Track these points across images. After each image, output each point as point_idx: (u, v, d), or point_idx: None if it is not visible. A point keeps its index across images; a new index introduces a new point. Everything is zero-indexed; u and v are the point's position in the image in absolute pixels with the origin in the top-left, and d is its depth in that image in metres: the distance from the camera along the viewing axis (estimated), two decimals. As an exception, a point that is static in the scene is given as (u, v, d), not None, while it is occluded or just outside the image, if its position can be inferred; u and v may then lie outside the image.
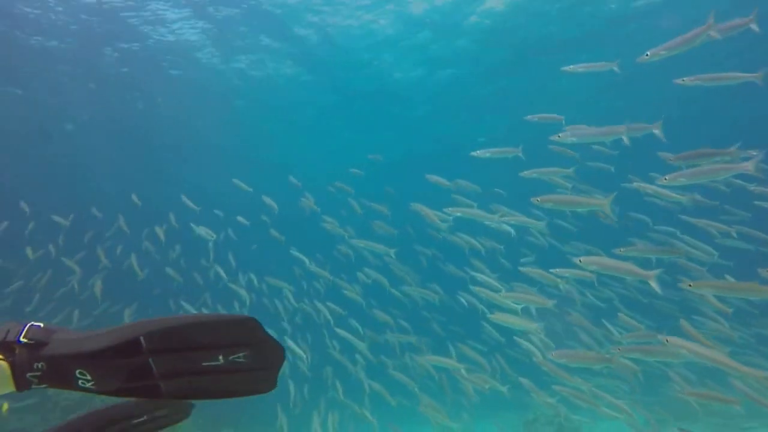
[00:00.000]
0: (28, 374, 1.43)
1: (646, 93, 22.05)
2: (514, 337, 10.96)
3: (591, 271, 8.57)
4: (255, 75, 23.75)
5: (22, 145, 27.82)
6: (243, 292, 14.72)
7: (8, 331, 1.46)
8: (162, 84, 23.52)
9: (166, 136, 29.02)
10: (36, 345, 1.44)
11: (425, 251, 15.13)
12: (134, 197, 16.13)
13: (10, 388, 1.44)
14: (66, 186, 29.63)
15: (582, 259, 8.20)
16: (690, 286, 7.26)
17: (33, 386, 1.45)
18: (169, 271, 15.66)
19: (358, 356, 13.74)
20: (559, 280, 9.67)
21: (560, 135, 8.96)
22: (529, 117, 10.78)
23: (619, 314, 11.94)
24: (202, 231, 14.17)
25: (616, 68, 9.52)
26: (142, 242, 16.52)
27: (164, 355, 1.41)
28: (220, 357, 1.43)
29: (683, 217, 11.67)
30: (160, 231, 15.26)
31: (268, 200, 15.18)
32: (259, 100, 26.13)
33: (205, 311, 14.98)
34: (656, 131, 8.41)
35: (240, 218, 16.09)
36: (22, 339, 1.44)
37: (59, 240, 15.64)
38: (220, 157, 30.41)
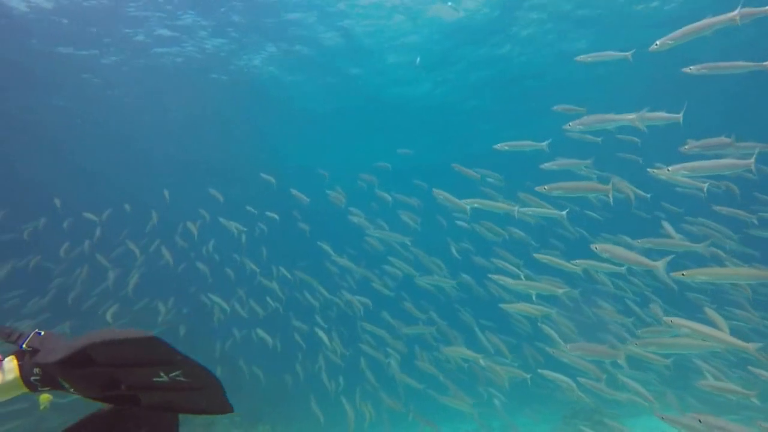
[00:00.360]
0: (31, 378, 1.64)
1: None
2: (539, 324, 11.16)
3: (603, 259, 8.76)
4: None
5: (57, 144, 28.67)
6: (275, 286, 15.07)
7: (19, 335, 1.70)
8: (206, 88, 24.16)
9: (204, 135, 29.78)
10: (32, 352, 1.66)
11: (455, 243, 15.23)
12: (165, 193, 16.50)
13: (23, 389, 1.66)
14: (98, 182, 30.40)
15: (597, 246, 8.48)
16: (683, 275, 7.44)
17: (39, 389, 1.66)
18: (200, 266, 16.00)
19: (389, 349, 13.98)
20: (575, 267, 9.83)
21: (571, 124, 9.20)
22: (555, 107, 10.92)
23: (651, 305, 12.09)
24: (231, 226, 14.54)
25: (629, 57, 9.61)
26: (176, 238, 16.93)
27: (119, 367, 1.58)
28: (162, 374, 1.58)
29: (715, 207, 11.73)
30: (192, 226, 15.61)
31: (297, 193, 15.45)
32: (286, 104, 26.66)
33: (238, 306, 15.46)
34: (676, 120, 8.45)
35: (270, 213, 16.39)
36: (24, 346, 1.68)
37: (94, 236, 16.10)
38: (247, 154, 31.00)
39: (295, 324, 15.55)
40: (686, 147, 9.27)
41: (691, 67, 8.00)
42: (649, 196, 11.09)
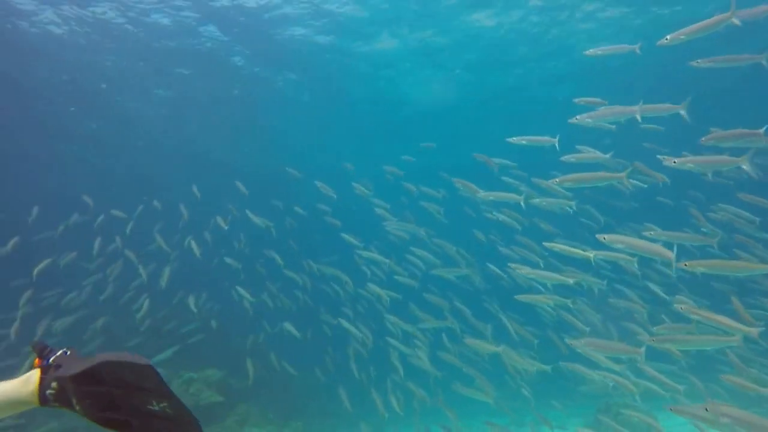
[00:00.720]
0: (47, 391, 1.82)
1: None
2: (563, 315, 11.32)
3: (616, 249, 8.93)
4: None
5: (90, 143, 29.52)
6: (304, 280, 15.41)
7: (50, 351, 1.90)
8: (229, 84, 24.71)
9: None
10: (55, 367, 1.83)
11: (480, 234, 15.40)
12: (194, 189, 16.89)
13: (35, 400, 1.85)
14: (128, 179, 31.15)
15: (606, 236, 8.66)
16: (686, 265, 7.79)
17: (50, 403, 1.83)
18: (230, 261, 16.40)
19: (416, 341, 14.19)
20: (588, 255, 10.00)
21: (578, 118, 9.37)
22: (576, 100, 11.05)
23: (678, 296, 12.12)
24: (258, 221, 14.92)
25: (637, 50, 9.73)
26: (204, 232, 17.23)
27: (121, 389, 1.70)
28: (154, 402, 1.72)
29: (740, 195, 11.75)
30: (221, 221, 16.03)
31: (323, 186, 15.77)
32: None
33: (268, 301, 15.81)
34: (682, 112, 8.73)
35: (297, 208, 16.74)
36: (51, 361, 1.86)
37: (126, 233, 16.60)
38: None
39: (325, 317, 15.86)
40: (706, 138, 9.34)
41: (699, 61, 8.42)
42: (669, 181, 11.25)
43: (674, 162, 8.64)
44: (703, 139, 9.19)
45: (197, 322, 17.22)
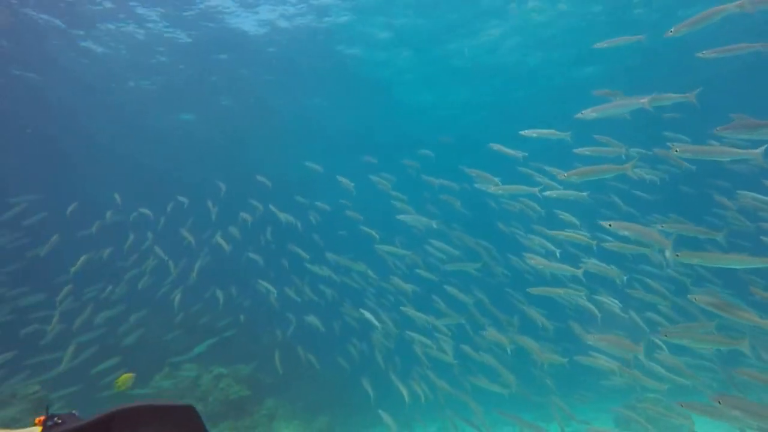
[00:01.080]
0: None
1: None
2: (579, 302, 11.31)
3: (621, 236, 8.94)
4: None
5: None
6: (326, 272, 15.70)
7: (55, 416, 1.89)
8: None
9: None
10: (59, 425, 1.81)
11: (503, 226, 15.42)
12: (220, 185, 17.34)
13: None
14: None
15: (612, 223, 8.64)
16: (677, 256, 7.89)
17: None
18: (253, 255, 16.80)
19: (438, 334, 14.29)
20: (591, 241, 10.02)
21: (584, 113, 9.36)
22: (595, 92, 11.04)
23: (705, 287, 11.97)
24: (282, 216, 15.29)
25: (642, 39, 9.70)
26: (230, 228, 17.69)
27: None
28: None
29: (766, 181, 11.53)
30: (246, 217, 16.41)
31: (344, 181, 16.02)
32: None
33: (294, 295, 16.15)
34: (691, 100, 8.73)
35: (320, 203, 17.03)
36: (56, 420, 1.87)
37: (157, 229, 17.17)
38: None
39: (348, 310, 16.09)
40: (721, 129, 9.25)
41: (705, 52, 8.62)
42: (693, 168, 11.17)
43: (676, 151, 8.65)
44: (717, 129, 9.11)
45: (231, 316, 17.74)
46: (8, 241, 18.98)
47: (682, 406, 8.38)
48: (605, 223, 8.75)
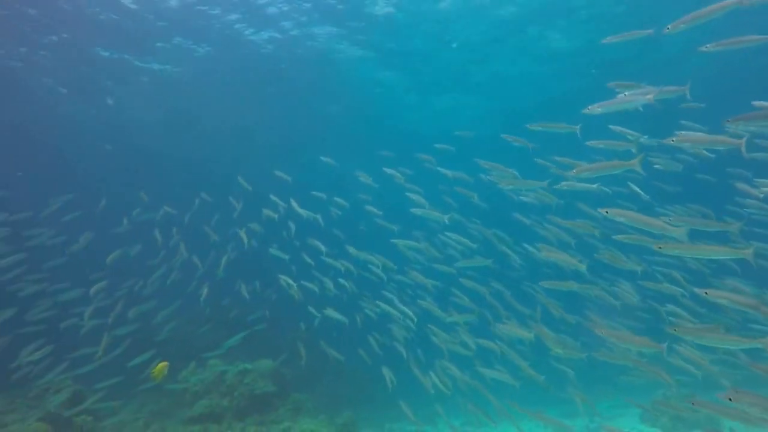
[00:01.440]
0: None
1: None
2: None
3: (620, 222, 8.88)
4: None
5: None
6: (349, 266, 15.87)
7: None
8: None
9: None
10: None
11: (520, 216, 15.33)
12: (242, 180, 17.67)
13: None
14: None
15: (608, 210, 8.65)
16: (660, 248, 7.96)
17: None
18: (274, 251, 17.05)
19: (459, 328, 14.34)
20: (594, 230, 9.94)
21: (589, 108, 9.26)
22: (610, 84, 10.92)
23: (726, 280, 11.72)
24: (302, 211, 15.52)
25: (650, 32, 9.54)
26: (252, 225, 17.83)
27: None
28: None
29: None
30: (270, 213, 16.72)
31: (363, 176, 16.15)
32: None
33: (315, 289, 16.37)
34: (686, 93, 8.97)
35: (338, 199, 17.18)
36: None
37: (183, 225, 17.55)
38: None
39: (368, 304, 16.22)
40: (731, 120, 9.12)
41: (708, 45, 8.64)
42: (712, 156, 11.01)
43: (673, 141, 8.64)
44: (727, 120, 8.99)
45: (259, 311, 18.12)
46: (48, 239, 19.70)
47: (693, 404, 8.29)
48: (602, 210, 8.73)
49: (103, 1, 18.92)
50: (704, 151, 11.25)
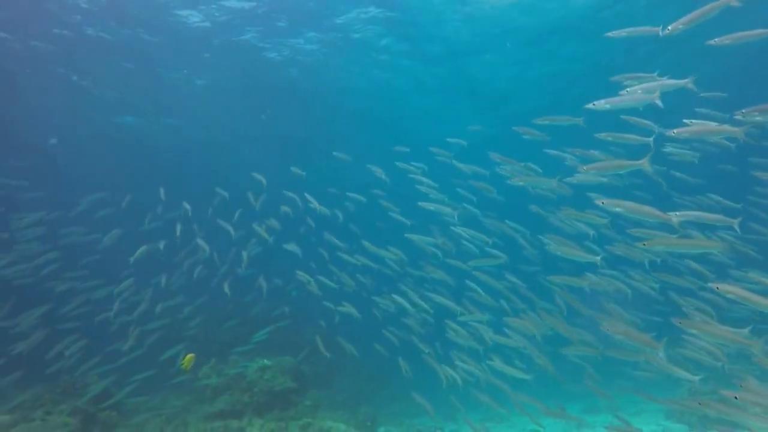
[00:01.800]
0: None
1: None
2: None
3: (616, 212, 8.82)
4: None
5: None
6: (366, 261, 15.92)
7: None
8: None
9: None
10: None
11: (540, 210, 15.14)
12: (258, 176, 17.82)
13: None
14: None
15: (604, 201, 8.64)
16: (644, 245, 8.17)
17: None
18: (289, 246, 17.16)
19: (476, 323, 14.18)
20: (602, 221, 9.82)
21: (594, 104, 9.30)
22: (613, 78, 10.75)
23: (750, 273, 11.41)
24: (316, 206, 15.64)
25: (660, 33, 9.29)
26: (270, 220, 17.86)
27: None
28: None
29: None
30: (286, 209, 16.84)
31: (376, 170, 16.14)
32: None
33: (334, 285, 16.47)
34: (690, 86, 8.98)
35: (352, 194, 17.21)
36: None
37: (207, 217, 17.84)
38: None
39: (382, 300, 16.23)
40: (741, 113, 9.03)
41: (716, 39, 8.75)
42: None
43: (674, 132, 8.54)
44: (737, 113, 8.94)
45: (281, 307, 18.33)
46: (81, 236, 20.28)
47: (700, 404, 8.17)
48: (598, 201, 8.66)
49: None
50: (725, 141, 11.00)
